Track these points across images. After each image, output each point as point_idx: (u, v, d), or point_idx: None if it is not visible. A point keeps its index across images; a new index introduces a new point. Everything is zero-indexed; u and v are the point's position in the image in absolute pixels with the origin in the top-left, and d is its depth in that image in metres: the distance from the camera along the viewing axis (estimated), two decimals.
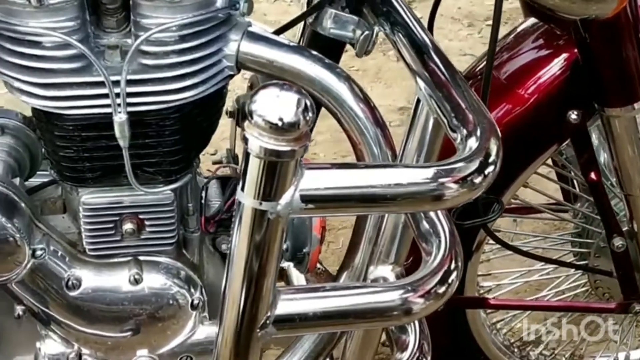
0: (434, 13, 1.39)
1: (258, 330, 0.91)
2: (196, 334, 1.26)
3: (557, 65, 1.44)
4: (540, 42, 1.49)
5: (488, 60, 1.24)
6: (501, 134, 0.95)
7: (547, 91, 1.44)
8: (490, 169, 0.91)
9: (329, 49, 1.23)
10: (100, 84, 1.06)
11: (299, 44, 1.28)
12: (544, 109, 1.45)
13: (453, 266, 0.98)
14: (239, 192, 0.84)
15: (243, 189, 0.83)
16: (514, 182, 1.49)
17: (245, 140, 0.81)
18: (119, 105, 1.05)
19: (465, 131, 0.95)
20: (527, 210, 1.71)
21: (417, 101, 1.09)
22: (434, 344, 1.21)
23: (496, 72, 1.46)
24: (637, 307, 1.61)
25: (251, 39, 1.12)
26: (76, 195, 1.17)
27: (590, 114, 1.44)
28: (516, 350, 1.79)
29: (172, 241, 1.21)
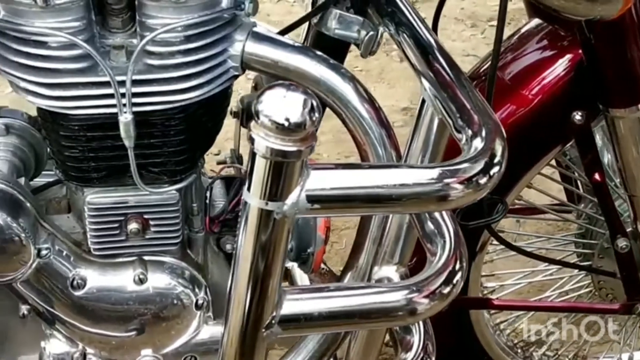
0: (438, 13, 1.39)
1: (264, 330, 0.91)
2: (200, 333, 1.26)
3: (562, 66, 1.44)
4: (545, 43, 1.49)
5: (493, 61, 1.24)
6: (505, 134, 0.95)
7: (551, 92, 1.44)
8: (495, 169, 0.91)
9: (333, 50, 1.23)
10: (105, 84, 1.06)
11: (303, 44, 1.28)
12: (548, 109, 1.45)
13: (458, 267, 0.98)
14: (245, 192, 0.84)
15: (249, 189, 0.83)
16: (518, 182, 1.49)
17: (252, 140, 0.81)
18: (124, 105, 1.05)
19: (470, 132, 0.95)
20: (531, 211, 1.71)
21: (422, 102, 1.08)
22: (437, 345, 1.21)
23: (500, 73, 1.46)
24: None
25: (256, 39, 1.12)
26: (81, 195, 1.17)
27: (594, 114, 1.44)
28: (519, 351, 1.79)
29: (177, 241, 1.21)
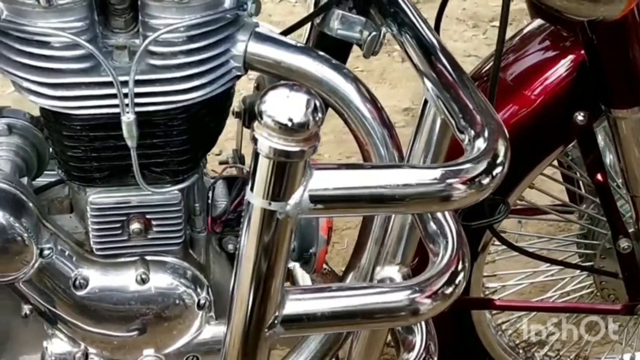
0: (440, 14, 1.39)
1: (266, 330, 0.91)
2: (202, 333, 1.26)
3: (564, 66, 1.44)
4: (547, 43, 1.49)
5: (495, 62, 1.24)
6: (508, 135, 0.95)
7: (553, 92, 1.44)
8: (498, 170, 0.91)
9: (336, 50, 1.22)
10: (108, 84, 1.06)
11: (306, 44, 1.28)
12: (551, 110, 1.45)
13: (460, 267, 0.98)
14: (248, 192, 0.84)
15: (252, 189, 0.83)
16: (520, 183, 1.49)
17: (255, 140, 0.81)
18: (127, 105, 1.05)
19: (473, 132, 0.95)
20: (533, 212, 1.71)
21: (425, 102, 1.08)
22: (439, 345, 1.20)
23: (502, 74, 1.46)
24: None
25: (259, 39, 1.12)
26: (84, 195, 1.17)
27: (596, 115, 1.44)
28: (521, 351, 1.79)
29: (179, 241, 1.21)
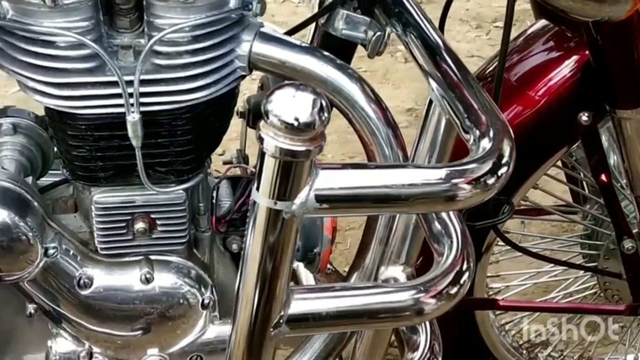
0: (445, 14, 1.39)
1: (271, 329, 0.91)
2: (206, 333, 1.26)
3: (568, 67, 1.44)
4: (551, 44, 1.49)
5: (500, 62, 1.24)
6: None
7: (557, 93, 1.44)
8: (503, 170, 0.91)
9: (340, 50, 1.23)
10: (113, 83, 1.06)
11: (310, 44, 1.28)
12: (555, 110, 1.45)
13: (465, 267, 0.97)
14: (254, 191, 0.84)
15: (258, 189, 0.83)
16: (524, 183, 1.49)
17: (261, 140, 0.81)
18: (132, 105, 1.05)
19: (478, 132, 0.95)
20: (537, 212, 1.71)
21: (430, 102, 1.08)
22: (442, 345, 1.21)
23: (506, 74, 1.46)
24: None
25: (263, 39, 1.13)
26: (88, 194, 1.17)
27: (601, 115, 1.44)
28: (525, 352, 1.79)
29: (183, 241, 1.21)
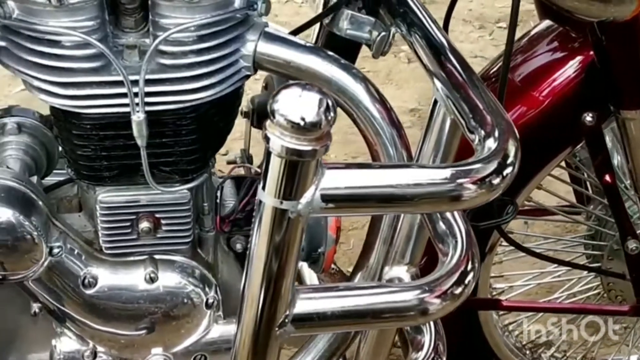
0: (449, 14, 1.39)
1: (277, 329, 0.91)
2: (210, 332, 1.26)
3: (572, 67, 1.44)
4: (555, 44, 1.49)
5: (504, 62, 1.24)
6: None
7: (562, 93, 1.44)
8: (508, 170, 0.91)
9: (345, 50, 1.23)
10: (118, 83, 1.06)
11: (315, 44, 1.28)
12: (559, 111, 1.45)
13: (470, 267, 0.98)
14: (259, 191, 0.84)
15: (264, 188, 0.84)
16: (528, 183, 1.49)
17: (267, 139, 0.81)
18: (137, 104, 1.05)
19: (483, 132, 0.95)
20: (541, 212, 1.71)
21: (434, 102, 1.09)
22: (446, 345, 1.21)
23: (511, 75, 1.46)
24: None
25: (268, 39, 1.13)
26: (93, 193, 1.17)
27: (605, 116, 1.44)
28: (528, 352, 1.79)
29: (188, 240, 1.21)
